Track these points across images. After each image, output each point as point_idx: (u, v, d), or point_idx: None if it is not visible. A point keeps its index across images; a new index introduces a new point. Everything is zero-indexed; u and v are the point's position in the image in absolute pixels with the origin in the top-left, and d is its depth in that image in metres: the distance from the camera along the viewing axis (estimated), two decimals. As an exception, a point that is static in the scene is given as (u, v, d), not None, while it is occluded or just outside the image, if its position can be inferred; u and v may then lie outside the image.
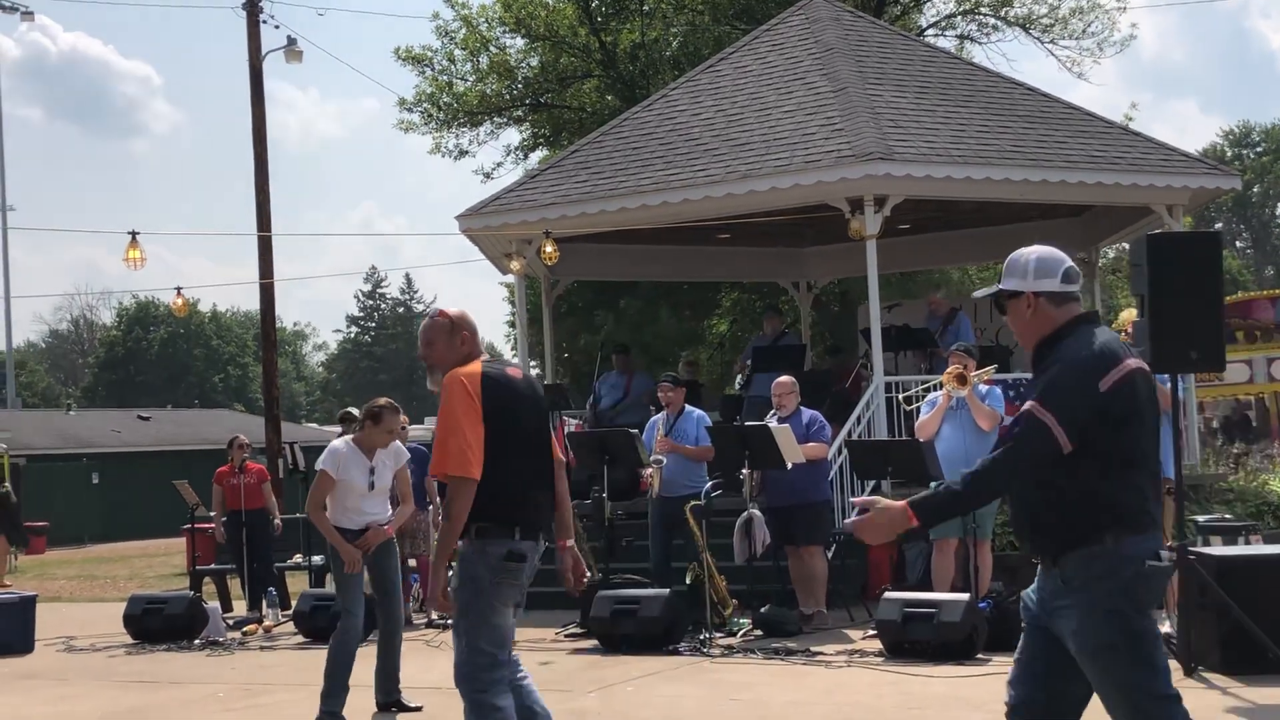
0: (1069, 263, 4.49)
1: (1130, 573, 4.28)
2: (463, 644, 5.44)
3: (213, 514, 14.61)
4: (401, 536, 12.98)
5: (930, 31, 29.81)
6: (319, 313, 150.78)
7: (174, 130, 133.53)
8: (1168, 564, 4.37)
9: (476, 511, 5.35)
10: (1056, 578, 4.38)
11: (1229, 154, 78.31)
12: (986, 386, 11.05)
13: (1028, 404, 4.31)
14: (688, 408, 12.01)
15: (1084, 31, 29.83)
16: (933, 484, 4.30)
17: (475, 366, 5.48)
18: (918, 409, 11.56)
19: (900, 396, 12.71)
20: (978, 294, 4.94)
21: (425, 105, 30.80)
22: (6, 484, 22.15)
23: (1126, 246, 19.24)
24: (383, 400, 8.67)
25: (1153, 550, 4.32)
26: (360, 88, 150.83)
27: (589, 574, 6.17)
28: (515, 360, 11.42)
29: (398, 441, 8.83)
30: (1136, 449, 4.34)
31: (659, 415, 12.09)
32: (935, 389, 11.21)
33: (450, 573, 5.47)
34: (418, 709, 8.43)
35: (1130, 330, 9.82)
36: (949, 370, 10.87)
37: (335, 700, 8.09)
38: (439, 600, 5.42)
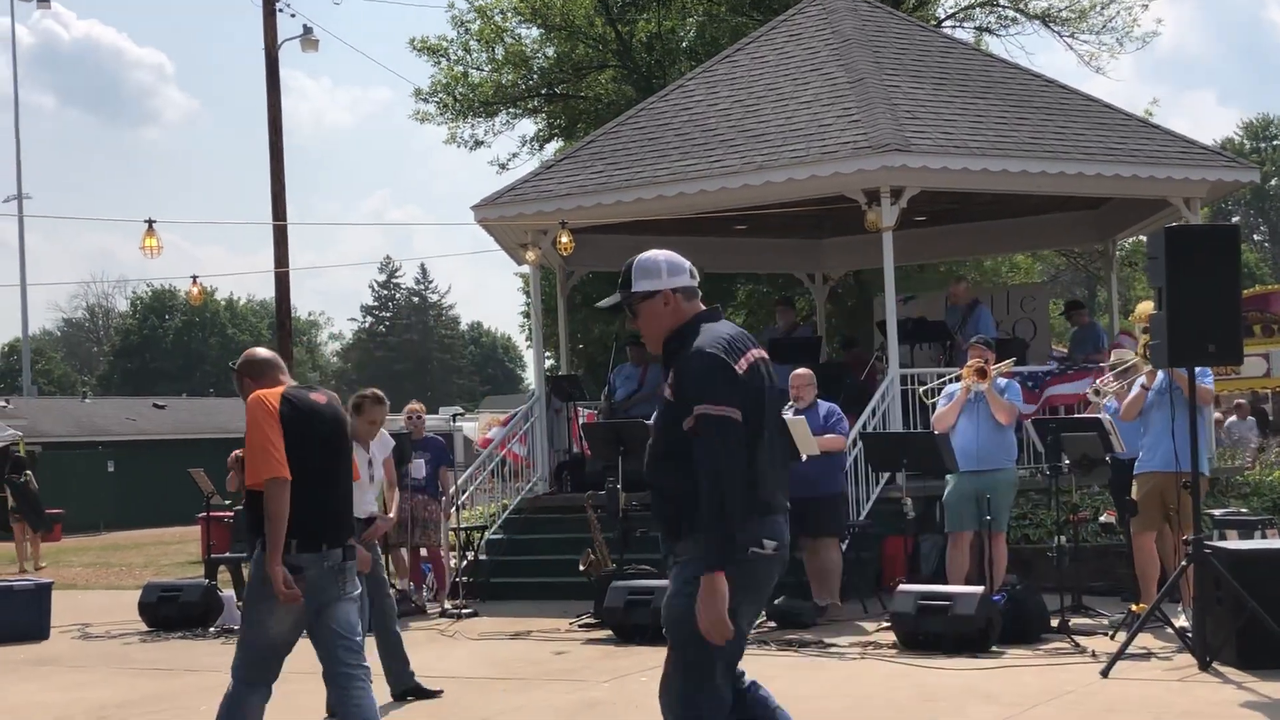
0: (690, 263, 4.82)
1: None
2: (238, 643, 6.08)
3: (229, 502, 14.62)
4: (414, 525, 13.04)
5: (948, 23, 29.71)
6: (332, 302, 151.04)
7: (187, 118, 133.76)
8: (770, 553, 4.54)
9: (262, 525, 5.83)
10: (672, 559, 4.62)
11: (1247, 147, 78.00)
12: (1005, 380, 11.03)
13: (699, 409, 4.43)
14: None
15: (1104, 26, 29.71)
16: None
17: (279, 389, 5.98)
18: (934, 402, 11.54)
19: (920, 389, 12.69)
20: (602, 304, 5.06)
21: (441, 95, 30.80)
22: (29, 472, 22.47)
23: (1144, 239, 19.16)
24: (368, 391, 8.80)
25: (757, 539, 4.50)
26: (373, 77, 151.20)
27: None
28: (530, 347, 11.43)
29: (384, 431, 8.98)
30: (763, 432, 4.56)
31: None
32: (954, 381, 11.19)
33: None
34: (437, 694, 8.41)
35: (1147, 323, 9.80)
36: (969, 363, 10.84)
37: None
38: (280, 590, 5.75)
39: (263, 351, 6.29)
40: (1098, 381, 11.19)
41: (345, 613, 5.94)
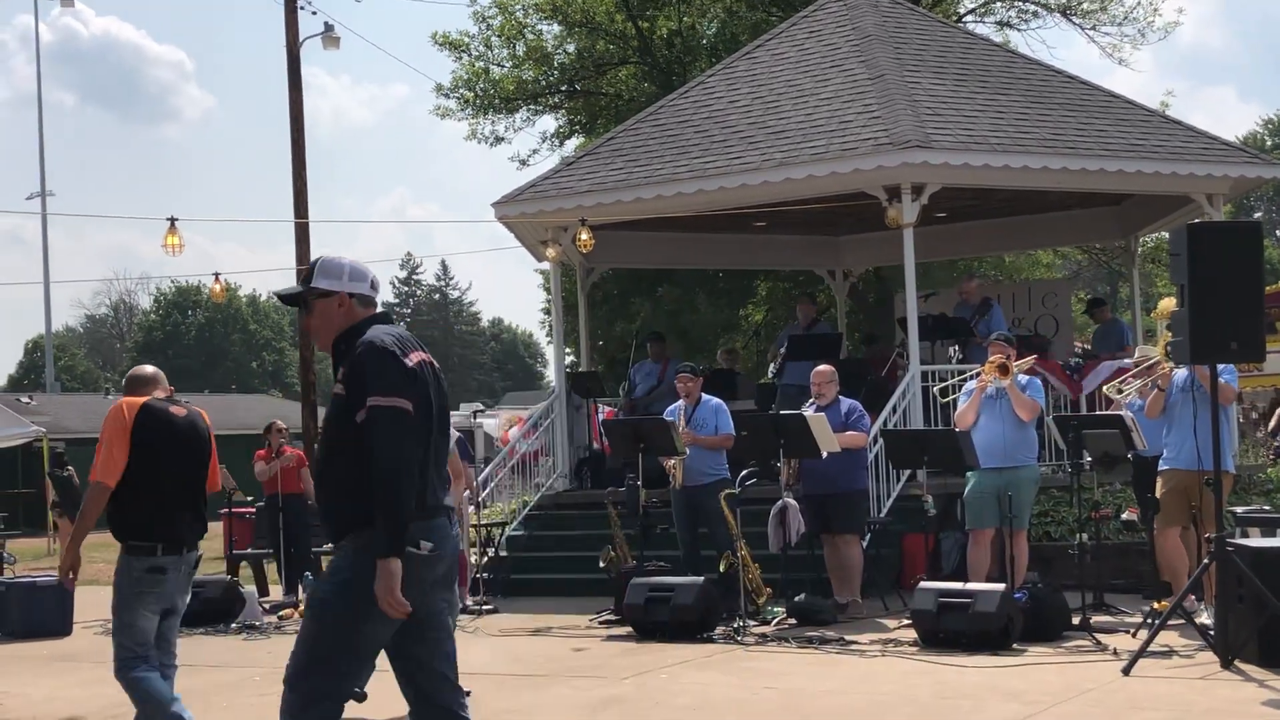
0: (374, 274, 4.96)
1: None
2: (115, 639, 6.60)
3: (251, 498, 14.70)
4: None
5: (968, 18, 29.61)
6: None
7: (206, 116, 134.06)
8: (425, 554, 4.61)
9: (129, 530, 6.45)
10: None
11: (1269, 143, 77.60)
12: (1026, 377, 11.01)
13: (371, 400, 4.56)
14: (705, 397, 12.02)
15: (1125, 17, 29.56)
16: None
17: (140, 399, 6.58)
18: (955, 400, 11.51)
19: (935, 389, 12.68)
20: (280, 292, 5.18)
21: (462, 91, 30.81)
22: (70, 467, 22.78)
23: (1166, 235, 19.07)
24: None
25: (414, 539, 4.58)
26: (392, 73, 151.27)
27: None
28: (550, 343, 11.41)
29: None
30: (428, 433, 4.72)
31: (676, 404, 12.11)
32: (974, 379, 11.17)
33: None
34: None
35: (1169, 319, 9.77)
36: (990, 360, 10.81)
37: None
38: (63, 576, 6.63)
39: (147, 369, 6.98)
40: (1118, 381, 11.14)
41: (179, 615, 6.75)
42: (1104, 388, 11.62)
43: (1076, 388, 13.69)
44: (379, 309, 4.97)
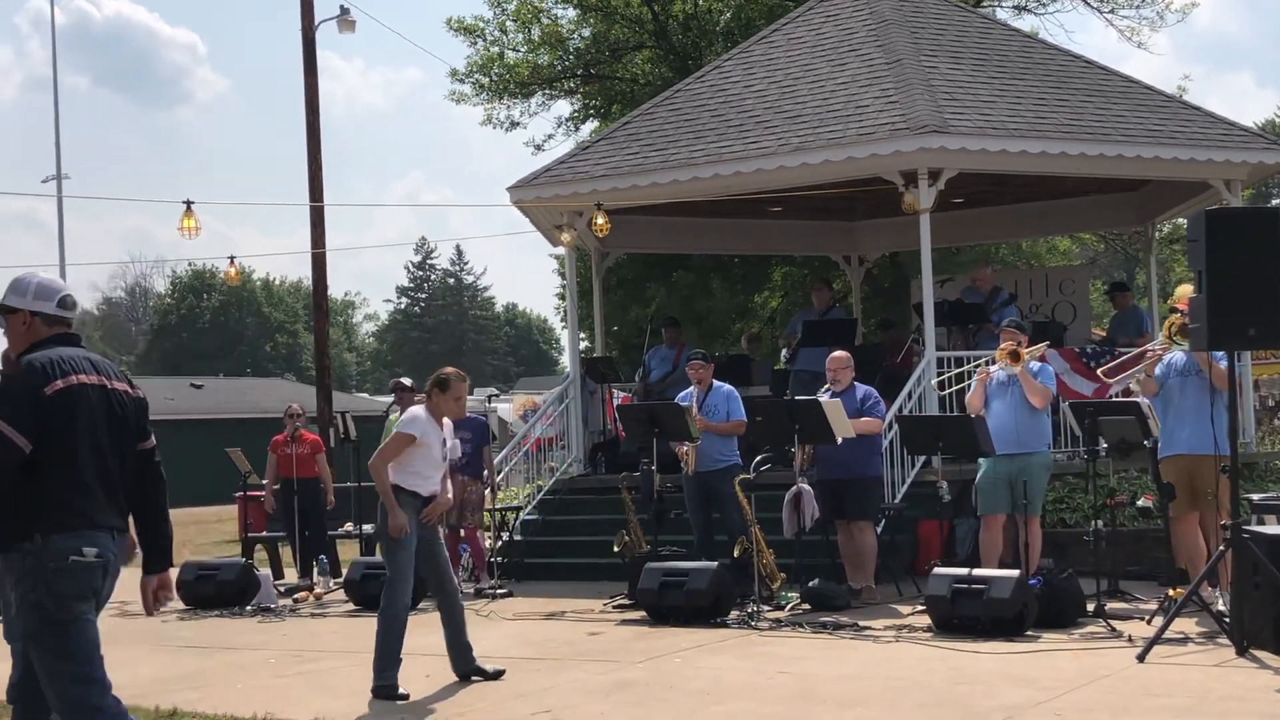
0: (66, 292, 5.27)
1: (52, 568, 4.93)
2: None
3: (265, 481, 14.75)
4: (457, 506, 13.08)
5: (987, 2, 29.50)
6: (366, 283, 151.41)
7: (219, 99, 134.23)
8: (92, 559, 4.99)
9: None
10: None
11: (1289, 129, 77.22)
12: (1039, 364, 10.99)
13: None
14: (716, 383, 12.03)
15: (1144, 1, 29.43)
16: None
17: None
18: (968, 385, 11.50)
19: (933, 382, 12.71)
20: None
21: (477, 76, 30.79)
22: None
23: (1184, 221, 19.01)
24: (450, 369, 8.67)
25: (76, 547, 4.93)
26: (407, 57, 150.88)
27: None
28: (565, 328, 11.41)
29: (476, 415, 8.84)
30: (78, 452, 4.98)
31: (688, 391, 12.11)
32: (989, 364, 11.15)
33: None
34: (499, 674, 8.36)
35: (1180, 305, 9.75)
36: (1002, 346, 10.81)
37: (389, 672, 8.10)
38: None
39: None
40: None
41: None
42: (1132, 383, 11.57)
43: (1093, 375, 13.62)
44: (69, 328, 5.25)
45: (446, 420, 8.53)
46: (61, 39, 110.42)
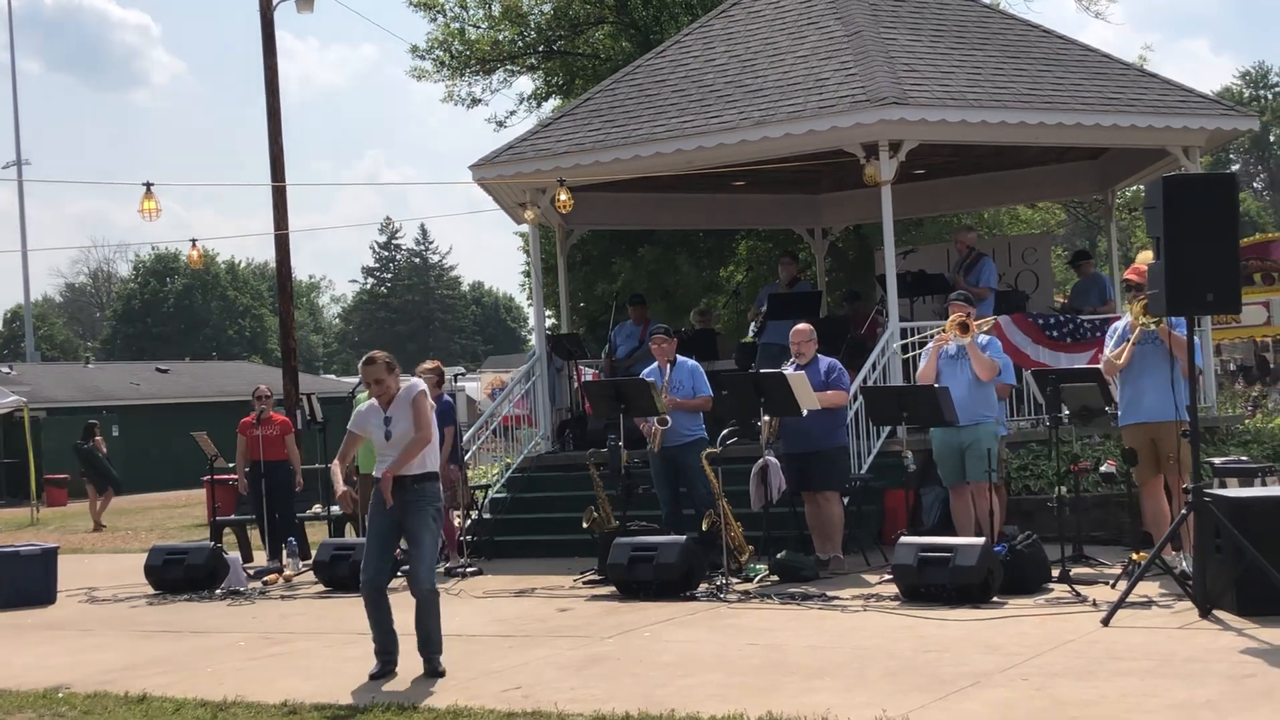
0: None
1: None
2: None
3: (233, 465, 14.72)
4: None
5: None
6: (329, 264, 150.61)
7: (174, 80, 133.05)
8: None
9: None
10: None
11: (1246, 95, 77.68)
12: (987, 337, 11.10)
13: None
14: (680, 359, 12.06)
15: (1100, -33, 29.53)
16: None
17: None
18: (917, 356, 11.60)
19: (894, 345, 12.82)
20: None
21: (437, 52, 30.63)
22: (99, 436, 23.82)
23: (1143, 188, 19.11)
24: (376, 352, 8.46)
25: None
26: (361, 35, 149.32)
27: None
28: (531, 306, 11.39)
29: (414, 380, 8.51)
30: None
31: (653, 367, 12.14)
32: (935, 336, 11.27)
33: None
34: (437, 674, 7.97)
35: (1138, 277, 9.82)
36: (951, 319, 10.93)
37: (375, 651, 8.10)
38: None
39: None
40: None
41: None
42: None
43: (1055, 344, 13.70)
44: None
45: (400, 393, 8.31)
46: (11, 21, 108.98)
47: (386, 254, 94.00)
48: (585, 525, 12.11)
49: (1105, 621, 8.33)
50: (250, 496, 14.48)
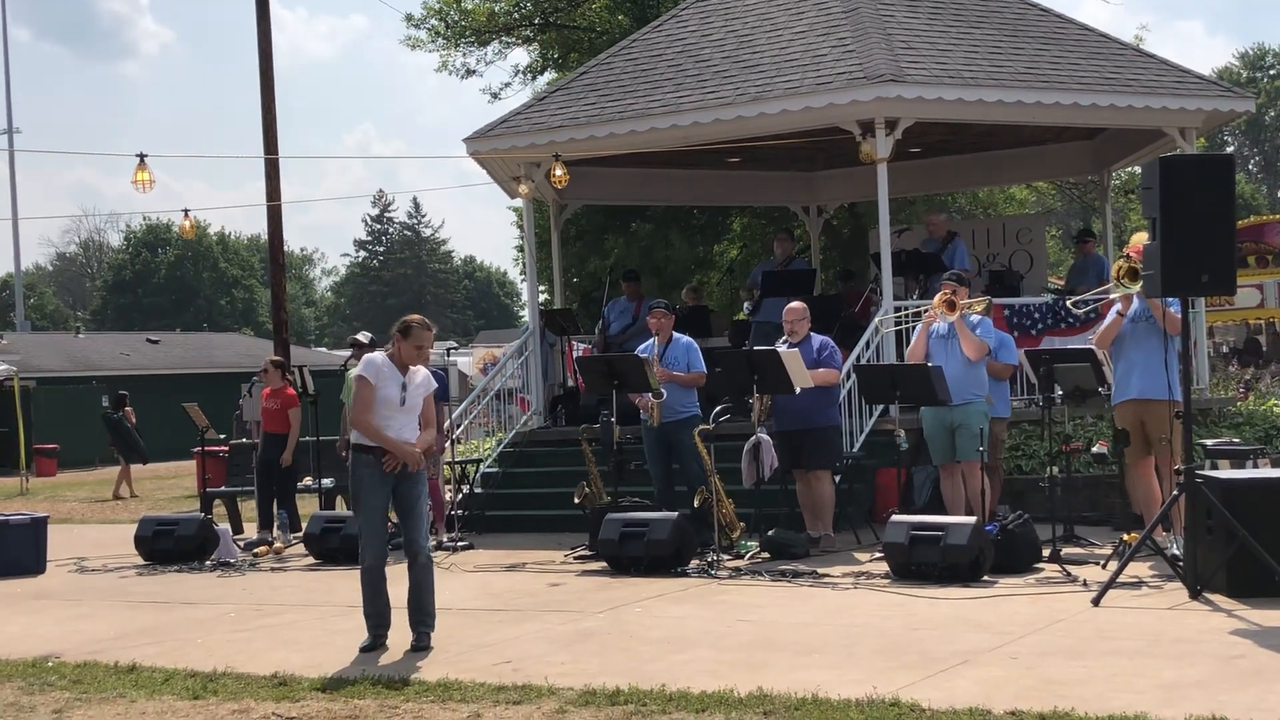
0: None
1: None
2: None
3: (224, 436, 14.68)
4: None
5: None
6: (319, 237, 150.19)
7: (163, 50, 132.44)
8: None
9: None
10: None
11: (1243, 76, 77.64)
12: (978, 317, 11.08)
13: None
14: (676, 335, 12.04)
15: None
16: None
17: None
18: (906, 334, 11.61)
19: (878, 320, 12.82)
20: None
21: (433, 21, 30.50)
22: (129, 407, 23.96)
23: (1139, 169, 19.09)
24: (415, 316, 8.45)
25: None
26: (351, 5, 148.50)
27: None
28: (524, 281, 11.36)
29: (428, 371, 8.48)
30: None
31: (649, 342, 12.12)
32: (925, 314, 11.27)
33: None
34: (425, 649, 7.97)
35: (1130, 251, 9.81)
36: (939, 296, 10.93)
37: (369, 626, 8.08)
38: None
39: None
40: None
41: None
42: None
43: (1032, 341, 13.49)
44: None
45: (415, 368, 8.32)
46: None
47: (379, 227, 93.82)
48: (577, 501, 12.10)
49: (1095, 601, 8.35)
50: (257, 467, 14.45)
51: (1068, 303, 11.94)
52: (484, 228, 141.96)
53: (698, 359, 11.88)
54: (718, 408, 11.63)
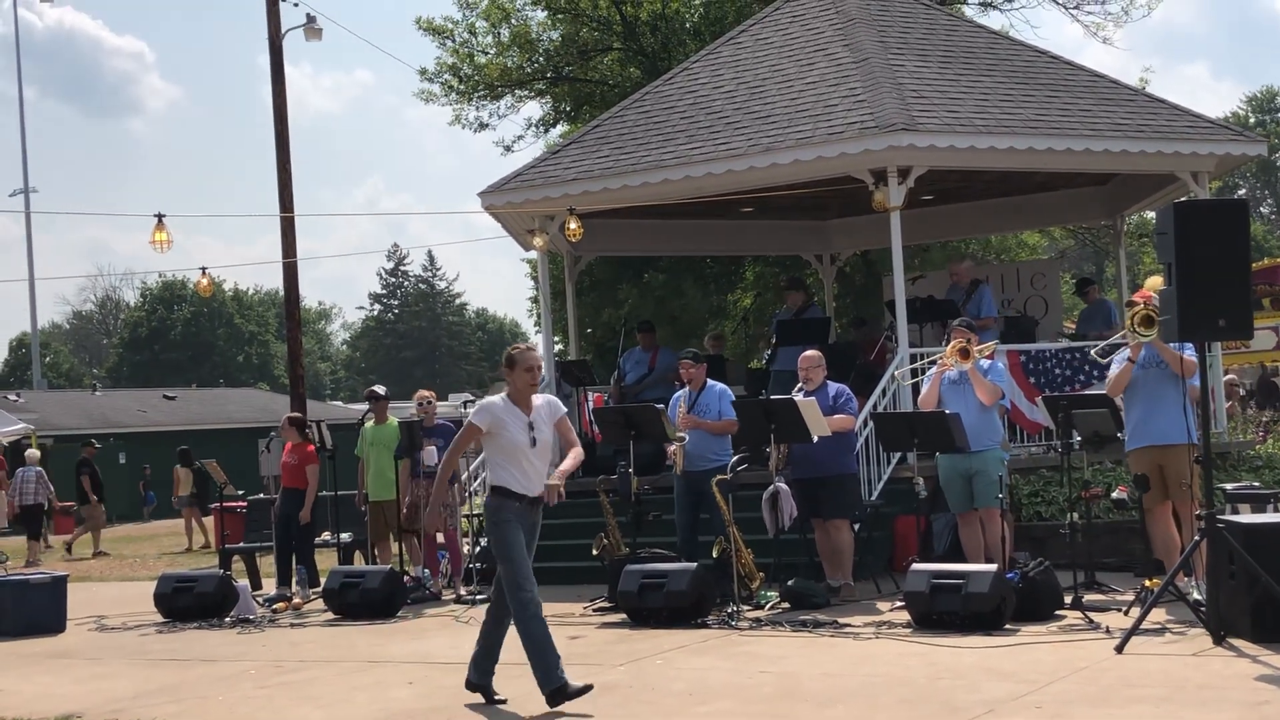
0: None
1: None
2: None
3: (242, 492, 14.69)
4: (413, 511, 13.08)
5: (952, -1, 29.64)
6: (332, 291, 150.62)
7: (170, 107, 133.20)
8: None
9: None
10: None
11: (1252, 120, 77.76)
12: (989, 362, 11.11)
13: None
14: (710, 382, 12.03)
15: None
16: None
17: None
18: (918, 384, 11.61)
19: (896, 372, 12.81)
20: None
21: (446, 76, 30.77)
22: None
23: (1152, 214, 19.10)
24: (515, 345, 8.01)
25: None
26: (354, 60, 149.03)
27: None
28: (538, 332, 11.36)
29: (549, 397, 8.11)
30: None
31: (682, 391, 12.12)
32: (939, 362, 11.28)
33: None
34: (501, 702, 7.97)
35: (1139, 298, 9.83)
36: (951, 344, 10.95)
37: (551, 673, 7.70)
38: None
39: None
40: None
41: None
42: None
43: (1032, 392, 13.43)
44: None
45: (540, 399, 7.81)
46: (6, 48, 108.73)
47: (394, 280, 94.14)
48: (595, 552, 12.08)
49: (1119, 648, 8.30)
50: (274, 523, 14.45)
51: (1092, 352, 11.90)
52: (491, 278, 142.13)
53: (729, 407, 11.82)
54: (734, 457, 11.62)
